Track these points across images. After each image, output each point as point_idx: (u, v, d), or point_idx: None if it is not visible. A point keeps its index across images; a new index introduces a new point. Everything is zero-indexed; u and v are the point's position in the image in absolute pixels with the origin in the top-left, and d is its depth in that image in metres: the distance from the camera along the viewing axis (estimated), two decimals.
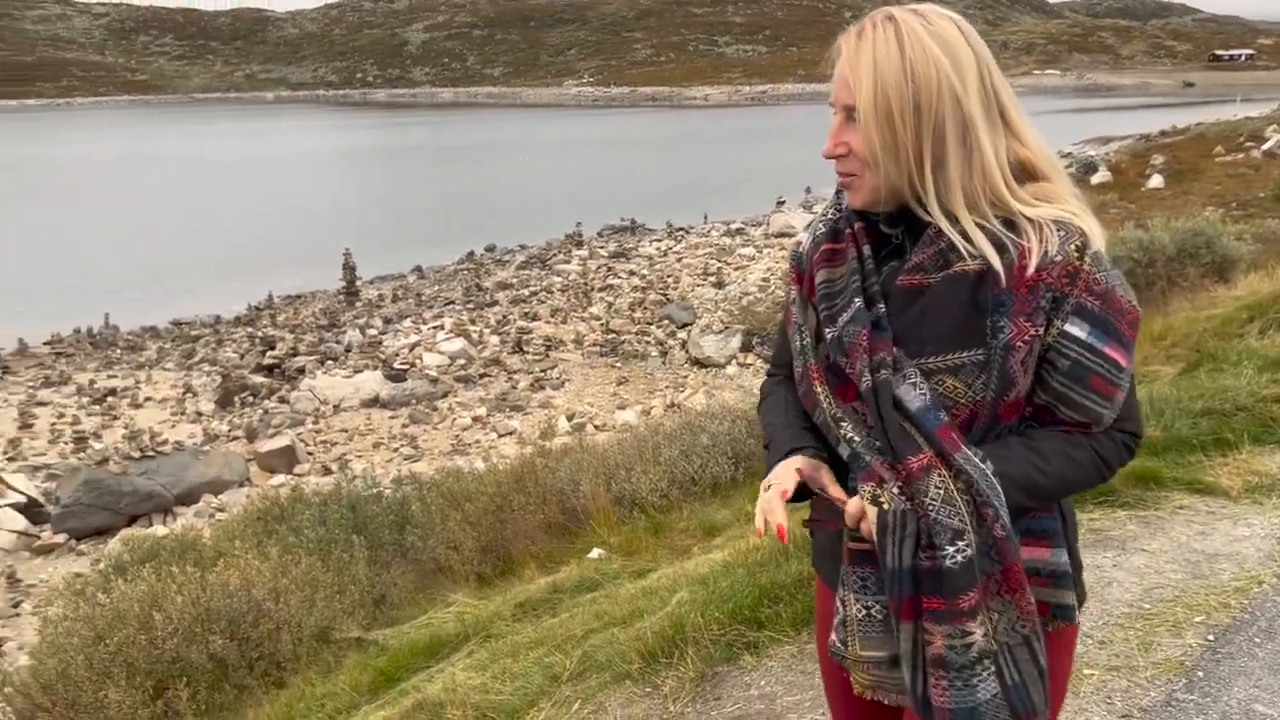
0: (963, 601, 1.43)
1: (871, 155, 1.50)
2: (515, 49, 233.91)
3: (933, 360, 1.48)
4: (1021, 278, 1.45)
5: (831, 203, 1.67)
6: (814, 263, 1.61)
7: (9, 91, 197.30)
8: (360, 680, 4.39)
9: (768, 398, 1.79)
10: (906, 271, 1.52)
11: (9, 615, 11.31)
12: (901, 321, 1.51)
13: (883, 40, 1.48)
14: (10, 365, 22.63)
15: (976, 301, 1.46)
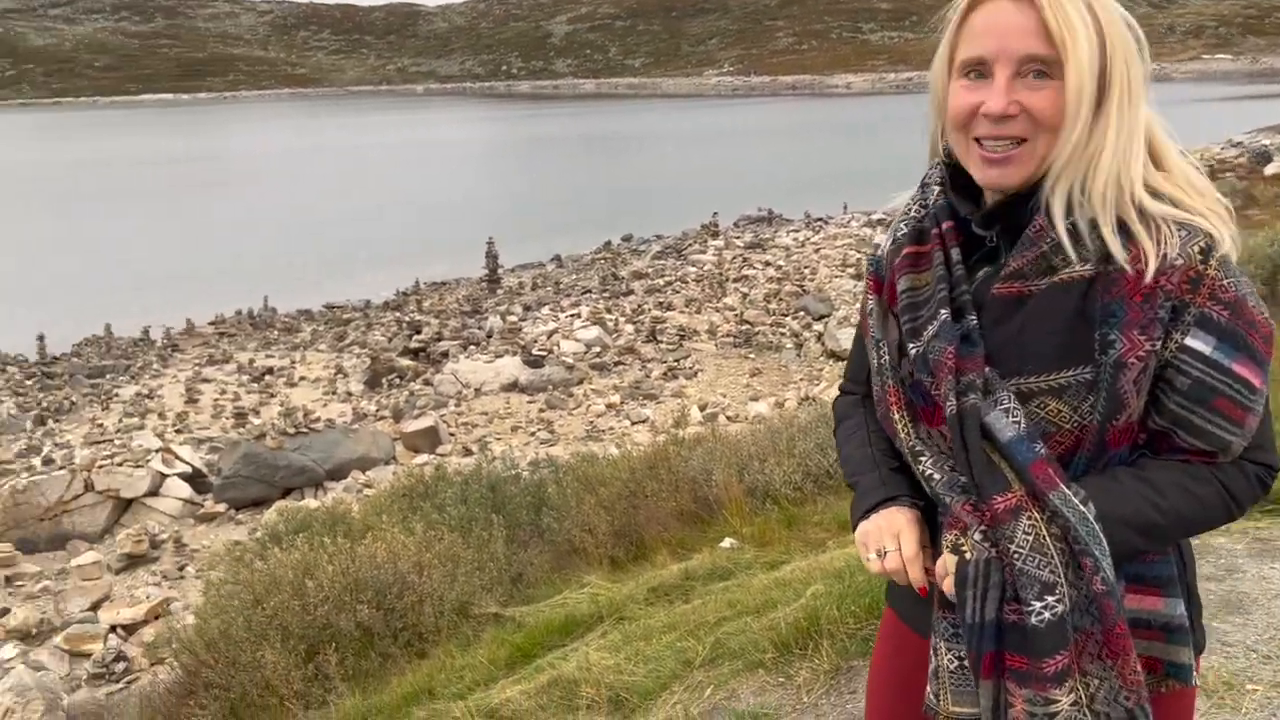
0: (1048, 666, 1.26)
1: (1058, 117, 1.30)
2: (656, 39, 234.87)
3: (1033, 380, 1.29)
4: (1137, 284, 1.26)
5: (915, 199, 1.48)
6: (895, 268, 1.44)
7: (182, 86, 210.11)
8: (498, 655, 4.51)
9: (845, 421, 1.64)
10: (1004, 279, 1.33)
11: (175, 577, 12.09)
12: (997, 336, 1.32)
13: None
14: (179, 344, 24.16)
15: (1084, 312, 1.28)
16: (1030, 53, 1.30)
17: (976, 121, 1.34)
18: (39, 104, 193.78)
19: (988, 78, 1.33)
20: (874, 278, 1.50)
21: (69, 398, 19.73)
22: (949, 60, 1.39)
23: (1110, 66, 1.31)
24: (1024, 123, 1.31)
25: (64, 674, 9.16)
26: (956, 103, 1.36)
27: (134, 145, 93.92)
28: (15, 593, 11.62)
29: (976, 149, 1.35)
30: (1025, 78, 1.31)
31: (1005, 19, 1.31)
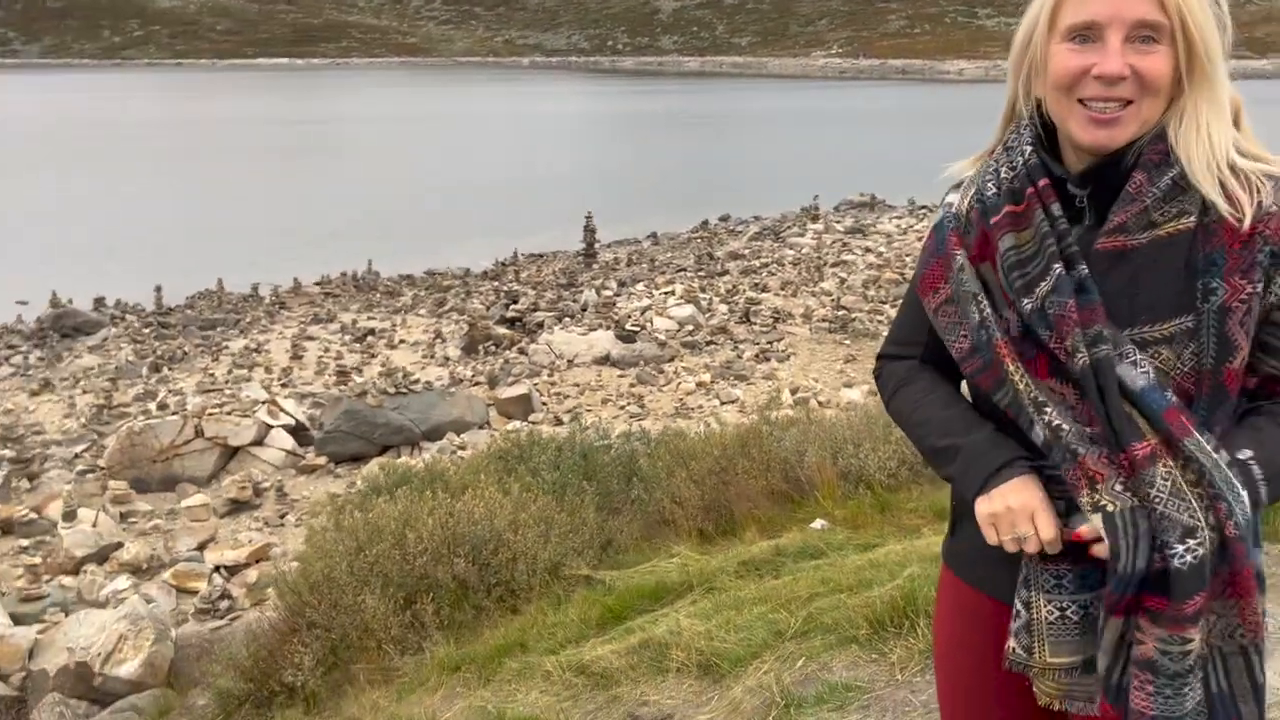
0: (1188, 606, 1.30)
1: (1163, 80, 1.37)
2: (765, 18, 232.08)
3: (1146, 330, 1.36)
4: (1236, 233, 1.34)
5: (999, 160, 1.51)
6: (996, 226, 1.46)
7: (297, 51, 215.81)
8: (589, 615, 4.62)
9: (907, 386, 1.63)
10: (1107, 233, 1.39)
11: (275, 524, 12.59)
12: (1107, 289, 1.38)
13: None
14: (286, 302, 24.99)
15: (1189, 263, 1.35)
16: (1144, 18, 1.35)
17: (1085, 83, 1.38)
18: (162, 64, 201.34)
19: (1096, 41, 1.37)
20: (956, 236, 1.52)
21: (182, 348, 20.61)
22: (1049, 23, 1.43)
23: (1220, 21, 1.39)
24: (1132, 85, 1.36)
25: (171, 608, 9.64)
26: (1063, 64, 1.40)
27: (249, 107, 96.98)
28: (129, 529, 12.25)
29: (1081, 110, 1.39)
30: (1134, 42, 1.36)
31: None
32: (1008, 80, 1.55)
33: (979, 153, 1.60)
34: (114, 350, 20.73)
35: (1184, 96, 1.39)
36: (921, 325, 1.60)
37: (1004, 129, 1.55)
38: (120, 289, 25.03)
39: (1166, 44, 1.36)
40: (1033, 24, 1.47)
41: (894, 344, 1.70)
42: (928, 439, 1.55)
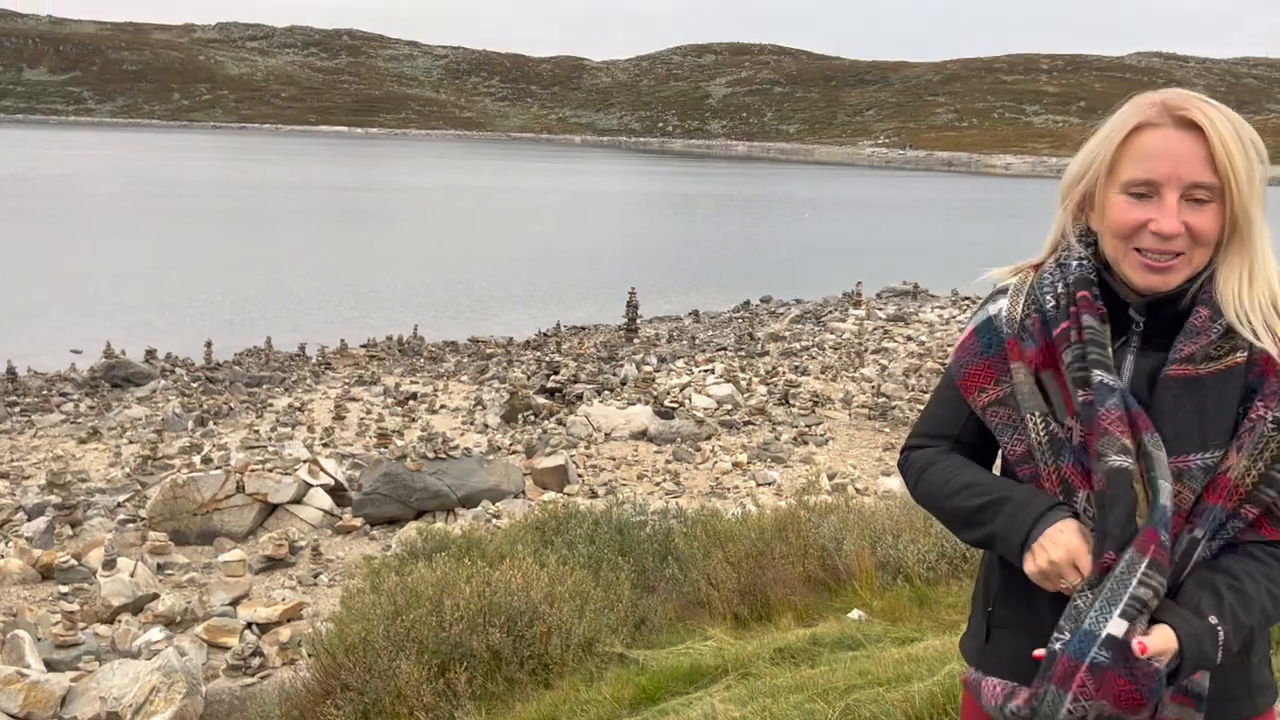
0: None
1: (1214, 235, 1.52)
2: (814, 106, 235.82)
3: (1207, 456, 1.49)
4: (1273, 364, 1.49)
5: (1055, 276, 1.64)
6: (1060, 338, 1.59)
7: (357, 120, 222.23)
8: (622, 694, 4.61)
9: (938, 464, 1.71)
10: (1178, 362, 1.52)
11: (309, 583, 12.63)
12: (1179, 415, 1.51)
13: (1226, 119, 1.51)
14: (331, 362, 25.39)
15: (1241, 393, 1.49)
16: (1198, 181, 1.50)
17: (1142, 235, 1.52)
18: (227, 127, 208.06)
19: (1153, 198, 1.52)
20: (1015, 342, 1.64)
21: (228, 403, 20.96)
22: (1108, 171, 1.57)
23: (1259, 183, 1.54)
24: (1185, 240, 1.51)
25: (202, 662, 9.67)
26: (1122, 217, 1.54)
27: (308, 172, 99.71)
28: (165, 580, 12.35)
29: (1137, 256, 1.54)
30: (1188, 201, 1.51)
31: (1178, 148, 1.51)
32: (1058, 207, 1.69)
33: (1020, 263, 1.73)
34: (162, 402, 21.12)
35: (1228, 245, 1.54)
36: (954, 420, 1.71)
37: (1051, 249, 1.70)
38: (172, 343, 25.61)
39: (1217, 202, 1.51)
40: (1088, 165, 1.62)
41: (922, 436, 1.78)
42: (970, 500, 1.62)
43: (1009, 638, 1.67)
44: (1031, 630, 1.61)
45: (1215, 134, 1.49)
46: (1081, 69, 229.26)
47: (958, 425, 1.70)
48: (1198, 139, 1.50)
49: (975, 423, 1.69)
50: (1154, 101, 1.56)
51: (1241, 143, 1.50)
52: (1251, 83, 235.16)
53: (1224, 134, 1.49)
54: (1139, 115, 1.56)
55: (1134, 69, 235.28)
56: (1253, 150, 1.52)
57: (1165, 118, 1.53)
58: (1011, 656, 1.65)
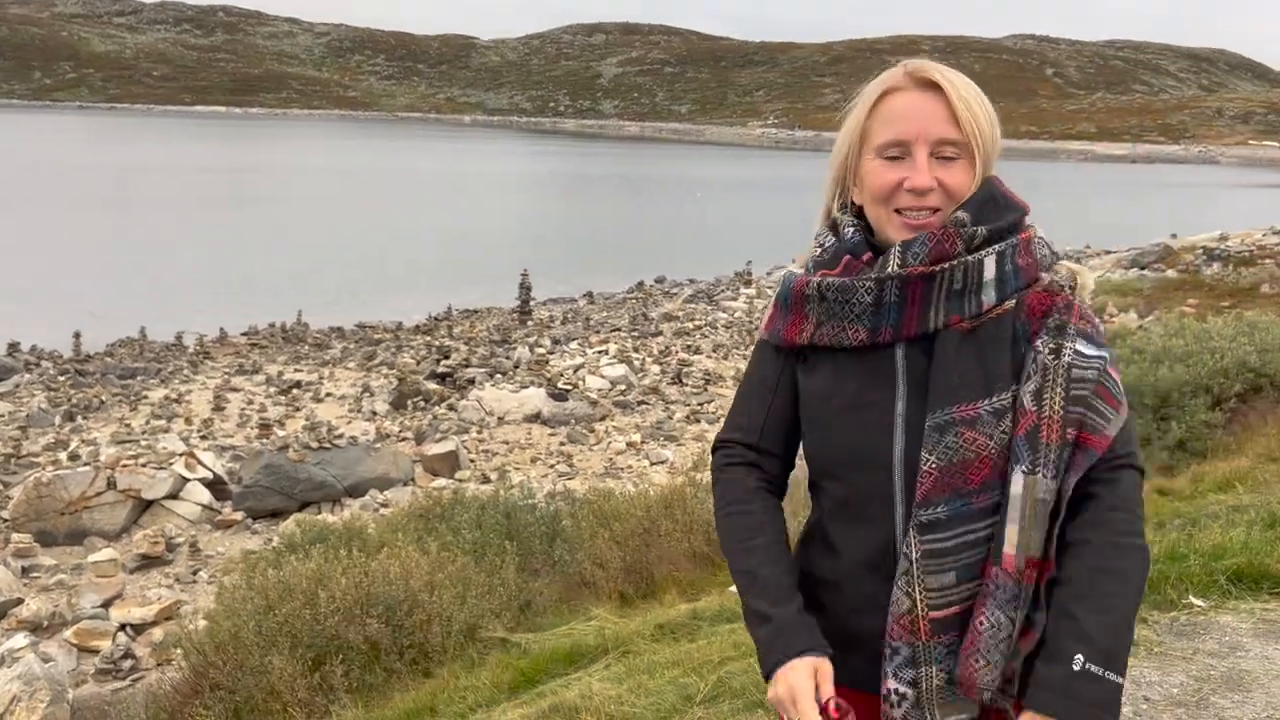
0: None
1: (965, 188, 1.57)
2: (704, 87, 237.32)
3: (984, 404, 1.55)
4: (1035, 305, 1.56)
5: (823, 240, 1.70)
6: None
7: (235, 100, 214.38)
8: (501, 678, 4.56)
9: (742, 514, 1.69)
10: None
11: (187, 581, 12.18)
12: (957, 365, 1.58)
13: (963, 79, 1.59)
14: (210, 352, 24.48)
15: (1012, 335, 1.55)
16: (945, 137, 1.56)
17: (899, 194, 1.58)
18: (95, 108, 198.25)
19: (905, 159, 1.57)
20: (804, 277, 1.69)
21: (99, 396, 20.01)
22: (861, 140, 1.63)
23: (998, 138, 1.62)
24: (939, 195, 1.56)
25: (70, 668, 9.24)
26: (879, 180, 1.60)
27: (184, 154, 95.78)
28: (30, 584, 11.74)
29: (898, 217, 1.59)
30: (938, 159, 1.56)
31: (920, 106, 1.57)
32: (825, 189, 1.75)
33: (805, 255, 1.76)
34: (26, 397, 20.04)
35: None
36: (755, 415, 1.72)
37: (822, 223, 1.75)
38: (36, 335, 24.30)
39: (965, 158, 1.57)
40: (845, 144, 1.67)
41: (732, 430, 1.76)
42: (747, 593, 1.64)
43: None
44: (831, 620, 1.64)
45: (954, 92, 1.56)
46: (961, 50, 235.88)
47: (761, 418, 1.71)
48: (939, 98, 1.56)
49: (779, 415, 1.70)
50: (895, 70, 1.62)
51: (981, 102, 1.58)
52: (1118, 64, 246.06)
53: (963, 93, 1.56)
54: (884, 83, 1.62)
55: (1010, 50, 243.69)
56: (989, 109, 1.59)
57: (908, 81, 1.59)
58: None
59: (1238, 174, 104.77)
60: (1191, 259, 24.99)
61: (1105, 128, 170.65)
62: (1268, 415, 7.86)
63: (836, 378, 1.62)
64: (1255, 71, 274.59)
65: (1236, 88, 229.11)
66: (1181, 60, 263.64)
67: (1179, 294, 21.24)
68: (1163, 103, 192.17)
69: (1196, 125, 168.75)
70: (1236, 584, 3.74)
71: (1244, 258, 23.91)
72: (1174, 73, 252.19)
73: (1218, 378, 8.35)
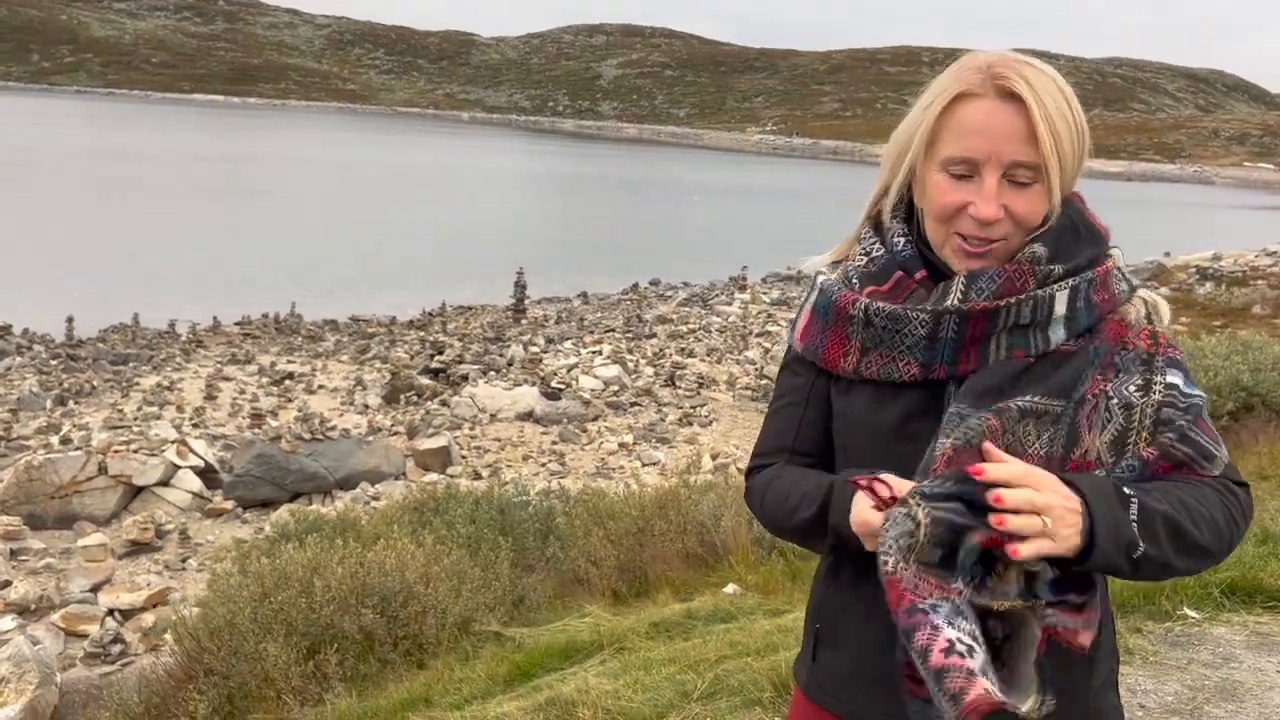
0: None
1: (1037, 218, 1.40)
2: (703, 91, 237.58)
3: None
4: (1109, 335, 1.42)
5: (869, 245, 1.54)
6: (873, 296, 1.51)
7: (233, 89, 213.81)
8: (496, 671, 4.58)
9: (778, 480, 1.55)
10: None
11: (176, 568, 12.16)
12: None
13: (1050, 87, 1.36)
14: (203, 340, 24.43)
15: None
16: (1020, 160, 1.36)
17: (961, 218, 1.40)
18: (93, 92, 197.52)
19: (973, 178, 1.38)
20: (848, 291, 1.53)
21: (90, 381, 19.95)
22: (926, 145, 1.44)
23: (1084, 159, 1.43)
24: (1006, 224, 1.39)
25: (58, 651, 9.22)
26: (942, 199, 1.41)
27: (180, 141, 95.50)
28: (19, 567, 11.71)
29: (957, 240, 1.42)
30: (1011, 182, 1.38)
31: (998, 120, 1.36)
32: (880, 176, 1.57)
33: (838, 247, 1.62)
34: (17, 380, 19.97)
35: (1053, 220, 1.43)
36: (787, 430, 1.58)
37: (859, 231, 1.58)
38: (29, 319, 24.21)
39: (1040, 182, 1.38)
40: (910, 137, 1.48)
41: (759, 457, 1.64)
42: (807, 510, 1.47)
43: (836, 659, 1.52)
44: (857, 654, 1.49)
45: (1039, 108, 1.34)
46: None
47: (792, 434, 1.58)
48: (1021, 112, 1.35)
49: (812, 427, 1.57)
50: (979, 66, 1.39)
51: (1068, 119, 1.37)
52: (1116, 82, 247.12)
53: (1048, 108, 1.35)
54: (961, 83, 1.40)
55: None
56: (1076, 122, 1.38)
57: (988, 87, 1.37)
58: (839, 683, 1.52)
59: (1232, 195, 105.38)
60: (1185, 278, 25.15)
61: (1102, 144, 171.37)
62: (1259, 434, 7.92)
63: (877, 405, 1.48)
64: (1252, 93, 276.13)
65: (1233, 109, 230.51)
66: (1179, 80, 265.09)
67: (1172, 312, 21.28)
68: (1159, 121, 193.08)
69: (1192, 145, 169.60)
70: (1230, 597, 3.79)
71: (1237, 278, 24.09)
72: (1171, 92, 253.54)
73: (1210, 396, 8.40)
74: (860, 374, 1.47)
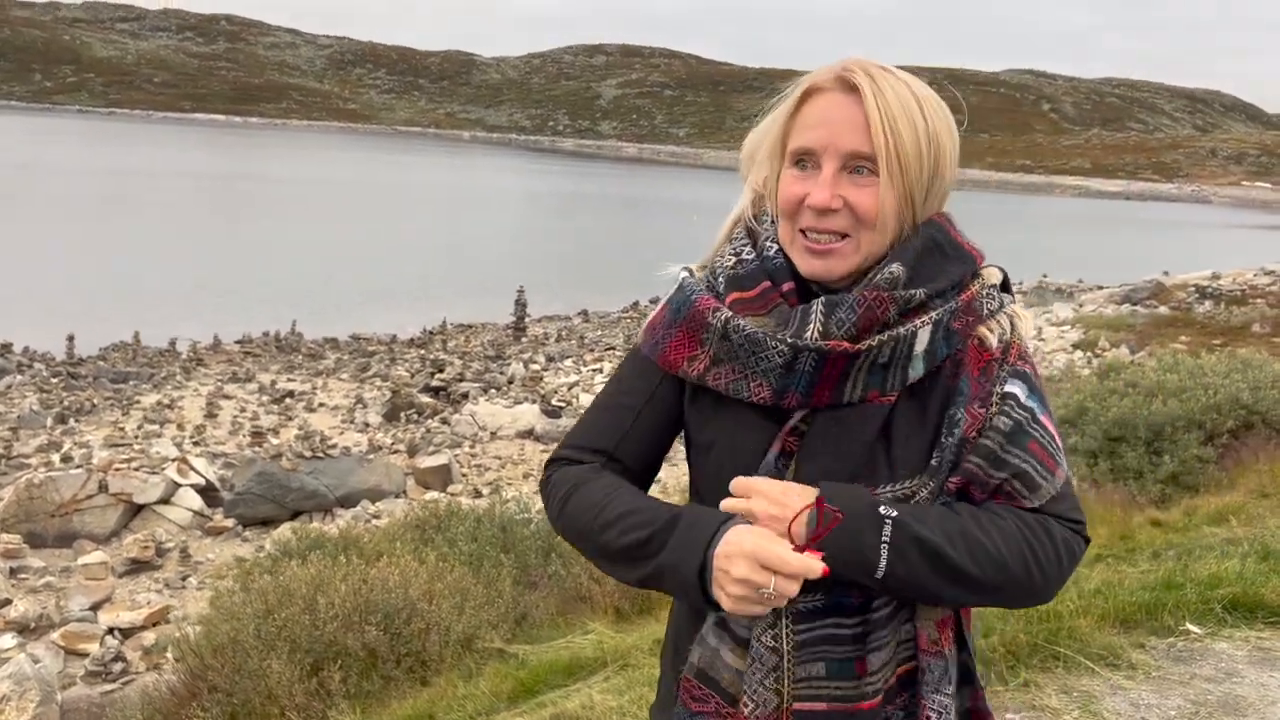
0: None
1: (883, 213, 1.31)
2: (703, 111, 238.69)
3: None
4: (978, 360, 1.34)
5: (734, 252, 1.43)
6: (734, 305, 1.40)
7: (235, 109, 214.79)
8: (500, 688, 4.58)
9: (587, 484, 1.40)
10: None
11: (177, 586, 12.14)
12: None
13: (898, 87, 1.32)
14: (204, 358, 24.47)
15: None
16: (856, 149, 1.31)
17: (802, 212, 1.34)
18: (95, 112, 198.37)
19: (816, 169, 1.33)
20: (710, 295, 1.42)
21: (91, 399, 19.98)
22: (781, 145, 1.39)
23: (943, 158, 1.34)
24: (846, 218, 1.31)
25: (58, 670, 9.20)
26: (786, 192, 1.36)
27: (181, 160, 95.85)
28: (19, 585, 11.69)
29: (801, 239, 1.35)
30: (850, 173, 1.32)
31: (836, 113, 1.32)
32: (747, 179, 1.50)
33: (706, 256, 1.52)
34: (17, 398, 19.99)
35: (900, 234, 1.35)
36: (613, 429, 1.46)
37: (729, 233, 1.49)
38: (30, 337, 24.26)
39: (883, 176, 1.31)
40: (765, 140, 1.43)
41: (570, 448, 1.49)
42: (630, 533, 1.32)
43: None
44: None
45: (873, 99, 1.29)
46: (958, 83, 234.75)
47: (616, 435, 1.45)
48: (861, 104, 1.31)
49: (640, 431, 1.46)
50: (832, 65, 1.37)
51: (915, 122, 1.30)
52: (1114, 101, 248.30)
53: (888, 100, 1.29)
54: (812, 79, 1.38)
55: (1007, 84, 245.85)
56: (930, 127, 1.32)
57: (833, 81, 1.34)
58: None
59: (1229, 214, 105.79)
60: (1184, 296, 25.22)
61: (1100, 164, 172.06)
62: (1259, 452, 7.94)
63: (721, 420, 1.40)
64: (1249, 113, 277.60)
65: (1230, 129, 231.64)
66: (1177, 100, 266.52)
67: (1171, 330, 21.41)
68: (1157, 141, 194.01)
69: (1190, 164, 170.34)
70: (1232, 613, 3.81)
71: (1235, 297, 24.15)
72: (1169, 112, 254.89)
73: (1210, 413, 8.43)
74: (705, 381, 1.38)
